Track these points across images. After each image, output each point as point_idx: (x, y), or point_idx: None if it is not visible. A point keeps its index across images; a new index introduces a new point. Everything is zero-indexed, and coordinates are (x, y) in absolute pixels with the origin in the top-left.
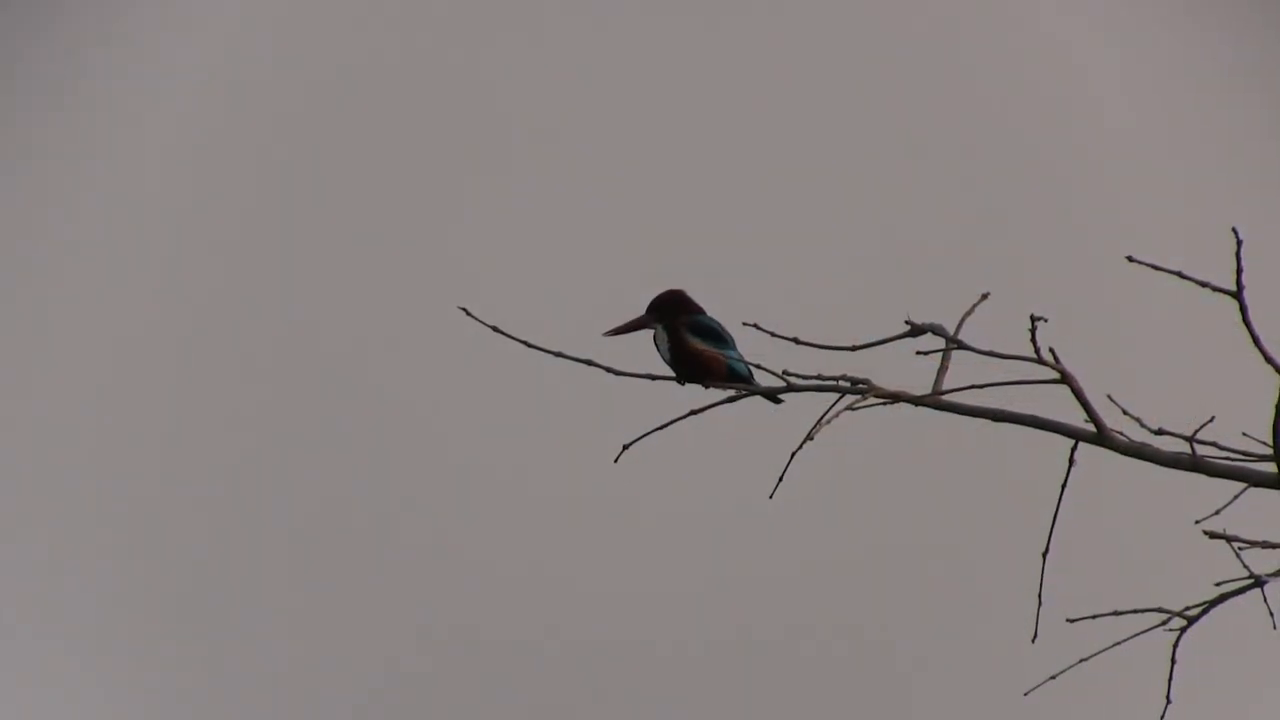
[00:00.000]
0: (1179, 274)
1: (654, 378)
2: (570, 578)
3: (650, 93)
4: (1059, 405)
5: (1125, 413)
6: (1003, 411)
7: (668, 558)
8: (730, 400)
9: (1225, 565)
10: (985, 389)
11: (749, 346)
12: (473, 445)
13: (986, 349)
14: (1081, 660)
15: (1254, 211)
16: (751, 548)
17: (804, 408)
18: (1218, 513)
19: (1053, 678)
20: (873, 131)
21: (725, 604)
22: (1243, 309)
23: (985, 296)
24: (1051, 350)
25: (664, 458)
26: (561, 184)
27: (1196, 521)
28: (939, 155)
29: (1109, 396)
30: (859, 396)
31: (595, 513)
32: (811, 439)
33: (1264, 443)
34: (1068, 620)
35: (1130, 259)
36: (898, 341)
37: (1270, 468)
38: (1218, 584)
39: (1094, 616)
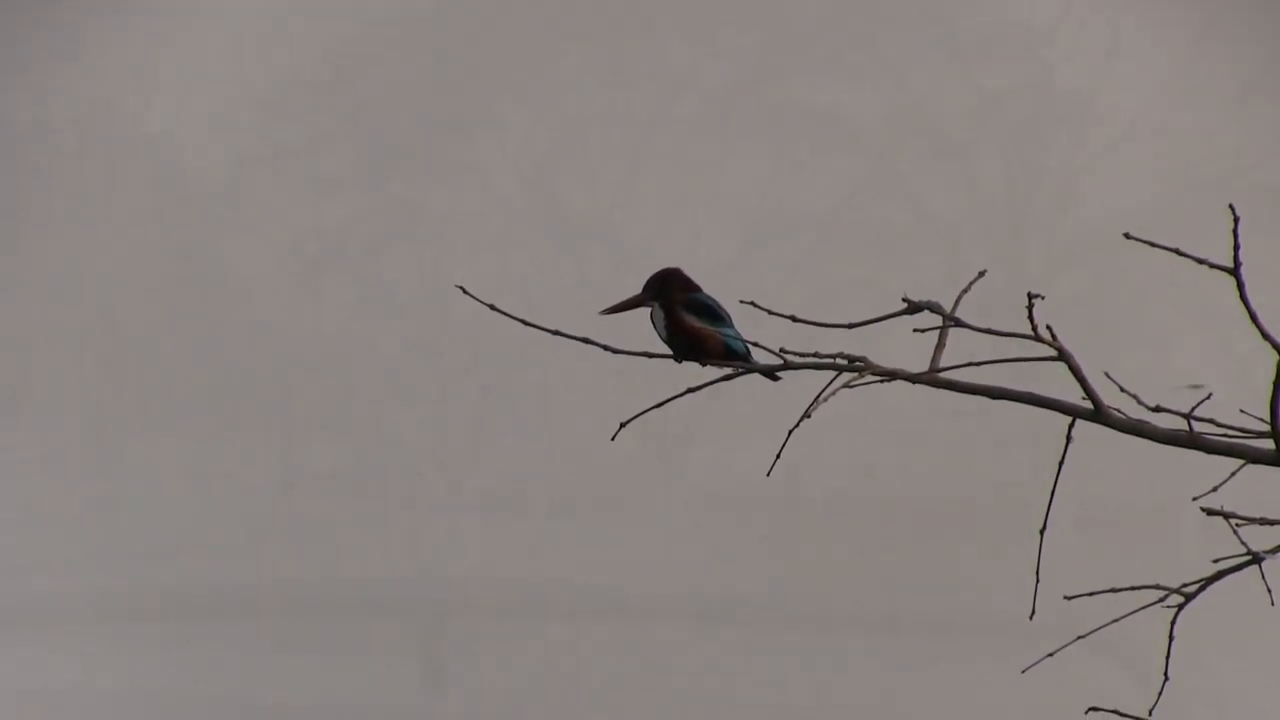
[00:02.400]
0: (1176, 251)
1: (651, 355)
2: (565, 560)
3: (647, 72)
4: (1056, 382)
5: (1123, 389)
6: (1000, 389)
7: (662, 540)
8: (727, 378)
9: (1223, 542)
10: (982, 366)
11: (746, 324)
12: (470, 427)
13: (984, 326)
14: (1079, 637)
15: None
16: (748, 526)
17: (801, 385)
18: (1215, 489)
19: (1050, 654)
20: (868, 112)
21: (720, 586)
22: (1240, 286)
23: (982, 274)
24: (1049, 327)
25: (661, 435)
26: (560, 163)
27: (1194, 498)
28: (936, 136)
29: (1106, 373)
30: (856, 374)
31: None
32: (809, 416)
33: (1262, 419)
34: (1065, 597)
35: (1128, 236)
36: (895, 319)
37: (1268, 444)
38: (1216, 560)
39: (1091, 593)
